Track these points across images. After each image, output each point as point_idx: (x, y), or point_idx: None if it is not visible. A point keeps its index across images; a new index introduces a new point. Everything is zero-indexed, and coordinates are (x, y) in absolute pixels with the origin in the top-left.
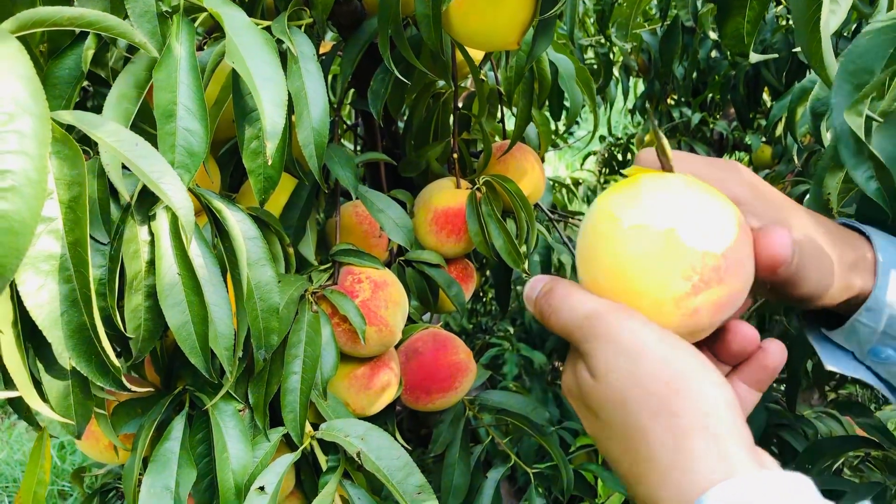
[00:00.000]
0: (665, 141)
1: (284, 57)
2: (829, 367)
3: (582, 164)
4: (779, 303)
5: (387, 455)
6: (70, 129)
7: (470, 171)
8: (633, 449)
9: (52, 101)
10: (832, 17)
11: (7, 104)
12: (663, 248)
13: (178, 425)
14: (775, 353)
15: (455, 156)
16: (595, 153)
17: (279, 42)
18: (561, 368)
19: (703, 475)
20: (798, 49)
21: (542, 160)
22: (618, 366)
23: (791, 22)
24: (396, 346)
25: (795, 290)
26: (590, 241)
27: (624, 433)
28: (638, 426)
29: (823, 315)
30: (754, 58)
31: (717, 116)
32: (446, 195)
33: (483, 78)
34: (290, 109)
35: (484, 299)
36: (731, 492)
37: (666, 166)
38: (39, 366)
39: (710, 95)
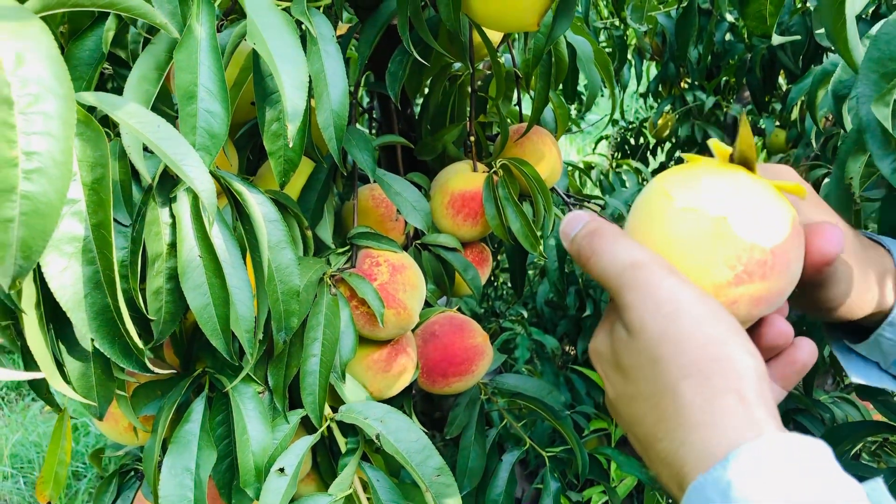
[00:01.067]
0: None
1: (303, 39)
2: (854, 378)
3: (594, 149)
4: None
5: (405, 437)
6: (91, 110)
7: (486, 155)
8: (660, 406)
9: (74, 83)
10: None
11: (32, 85)
12: (712, 233)
13: (198, 407)
14: (806, 350)
15: (472, 139)
16: (607, 137)
17: (298, 23)
18: (572, 353)
19: (731, 435)
20: (817, 32)
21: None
22: (655, 321)
23: (808, 4)
24: (413, 330)
25: (824, 297)
26: (640, 216)
27: (653, 390)
28: (668, 384)
29: (847, 327)
30: (777, 39)
31: (731, 100)
32: (463, 178)
33: (500, 60)
34: (310, 93)
35: (495, 283)
36: (759, 450)
37: (738, 158)
38: (61, 347)
39: (724, 79)
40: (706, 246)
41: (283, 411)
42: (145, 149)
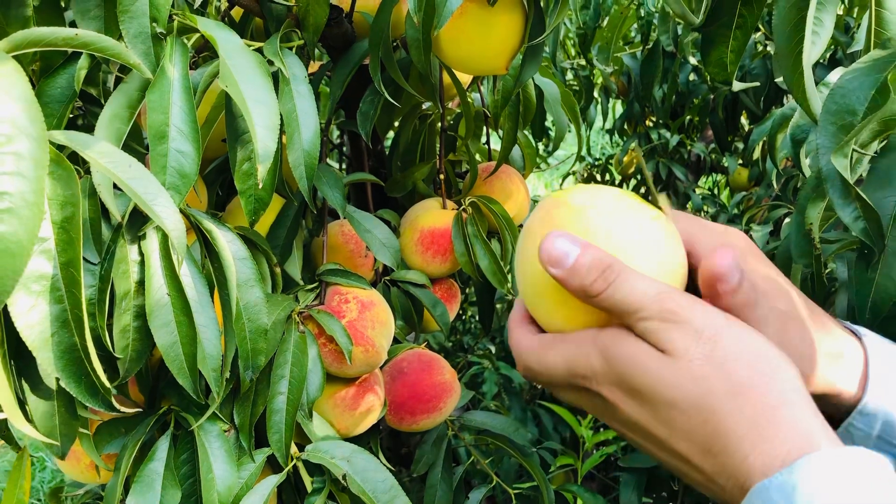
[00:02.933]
0: (648, 174)
1: (276, 78)
2: None
3: (562, 185)
4: None
5: (372, 478)
6: (61, 148)
7: (456, 192)
8: (710, 423)
9: (45, 120)
10: (813, 48)
11: (5, 126)
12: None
13: (163, 445)
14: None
15: (441, 176)
16: (574, 173)
17: (270, 63)
18: (539, 387)
19: (792, 447)
20: (778, 78)
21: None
22: (698, 346)
23: (769, 48)
24: (382, 366)
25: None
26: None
27: (698, 411)
28: (720, 402)
29: None
30: (737, 86)
31: (695, 138)
32: (432, 215)
33: (469, 100)
34: (281, 130)
35: (464, 317)
36: (822, 459)
37: (653, 199)
38: (24, 386)
39: (688, 118)
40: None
41: (249, 450)
42: (115, 187)
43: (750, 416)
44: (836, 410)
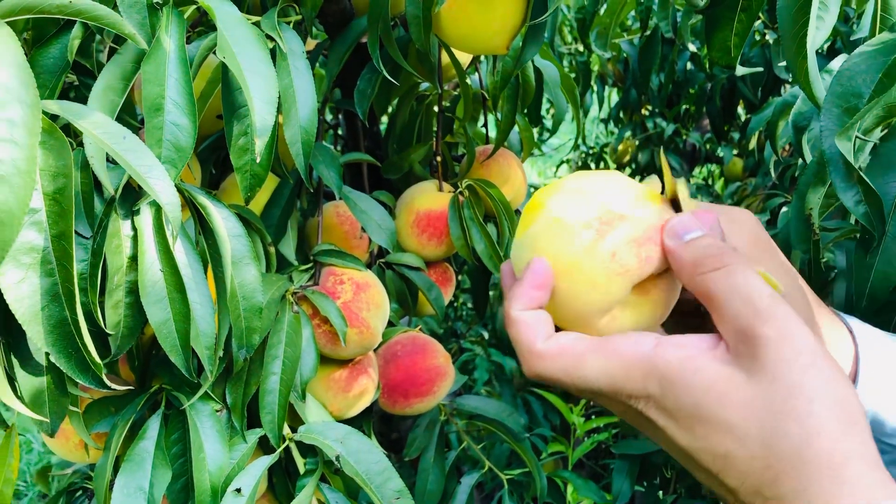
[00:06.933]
0: (668, 168)
1: (273, 54)
2: None
3: (556, 172)
4: None
5: (366, 459)
6: (54, 118)
7: (452, 175)
8: (772, 471)
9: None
10: (817, 33)
11: None
12: (553, 220)
13: (154, 424)
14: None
15: (438, 159)
16: (569, 161)
17: (268, 38)
18: None
19: (864, 498)
20: (777, 64)
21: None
22: (791, 370)
23: (768, 37)
24: (375, 349)
25: None
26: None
27: (764, 454)
28: (791, 446)
29: None
30: (740, 70)
31: (691, 128)
32: (429, 198)
33: (468, 82)
34: (278, 107)
35: (456, 304)
36: None
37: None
38: (14, 361)
39: (684, 107)
40: (558, 228)
41: (242, 430)
42: (109, 159)
43: (814, 470)
44: None
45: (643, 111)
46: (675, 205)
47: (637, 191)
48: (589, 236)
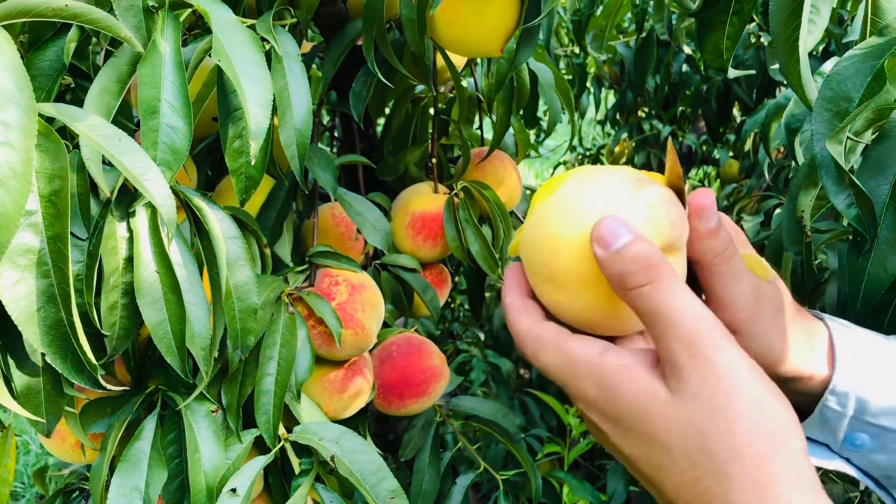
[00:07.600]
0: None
1: (268, 56)
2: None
3: (552, 174)
4: None
5: (360, 459)
6: (50, 121)
7: (448, 177)
8: (703, 483)
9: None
10: (809, 36)
11: None
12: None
13: (150, 425)
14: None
15: (433, 160)
16: (565, 163)
17: (263, 41)
18: (526, 376)
19: None
20: (771, 67)
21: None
22: (713, 395)
23: (762, 39)
24: (371, 350)
25: (751, 343)
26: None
27: (695, 464)
28: (718, 463)
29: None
30: (732, 73)
31: (687, 130)
32: (424, 200)
33: (463, 84)
34: (273, 109)
35: (452, 305)
36: None
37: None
38: (10, 361)
39: (680, 109)
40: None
41: (237, 431)
42: (105, 162)
43: (746, 485)
44: (807, 398)
45: (639, 113)
46: (678, 192)
47: (636, 177)
48: (629, 188)
